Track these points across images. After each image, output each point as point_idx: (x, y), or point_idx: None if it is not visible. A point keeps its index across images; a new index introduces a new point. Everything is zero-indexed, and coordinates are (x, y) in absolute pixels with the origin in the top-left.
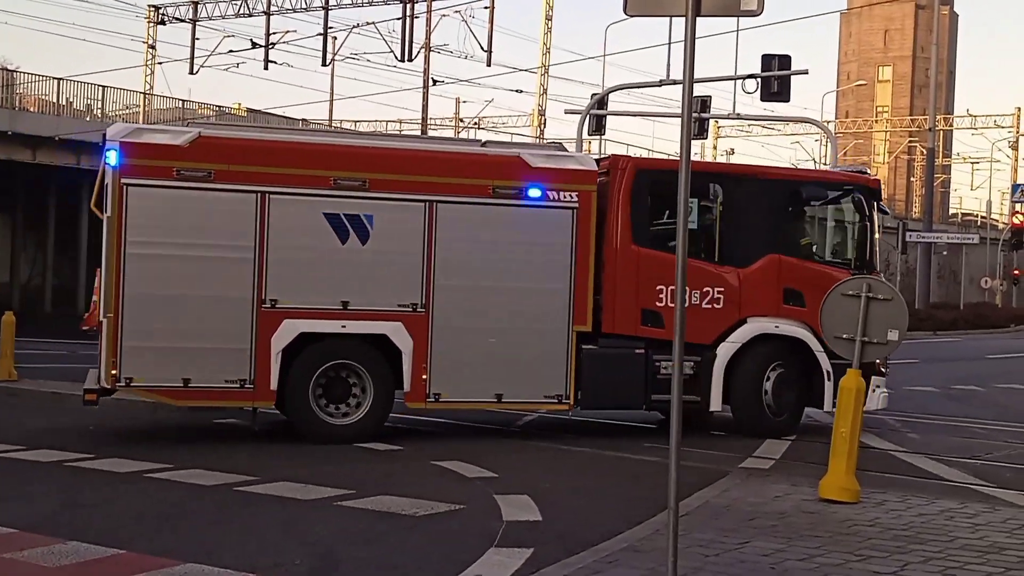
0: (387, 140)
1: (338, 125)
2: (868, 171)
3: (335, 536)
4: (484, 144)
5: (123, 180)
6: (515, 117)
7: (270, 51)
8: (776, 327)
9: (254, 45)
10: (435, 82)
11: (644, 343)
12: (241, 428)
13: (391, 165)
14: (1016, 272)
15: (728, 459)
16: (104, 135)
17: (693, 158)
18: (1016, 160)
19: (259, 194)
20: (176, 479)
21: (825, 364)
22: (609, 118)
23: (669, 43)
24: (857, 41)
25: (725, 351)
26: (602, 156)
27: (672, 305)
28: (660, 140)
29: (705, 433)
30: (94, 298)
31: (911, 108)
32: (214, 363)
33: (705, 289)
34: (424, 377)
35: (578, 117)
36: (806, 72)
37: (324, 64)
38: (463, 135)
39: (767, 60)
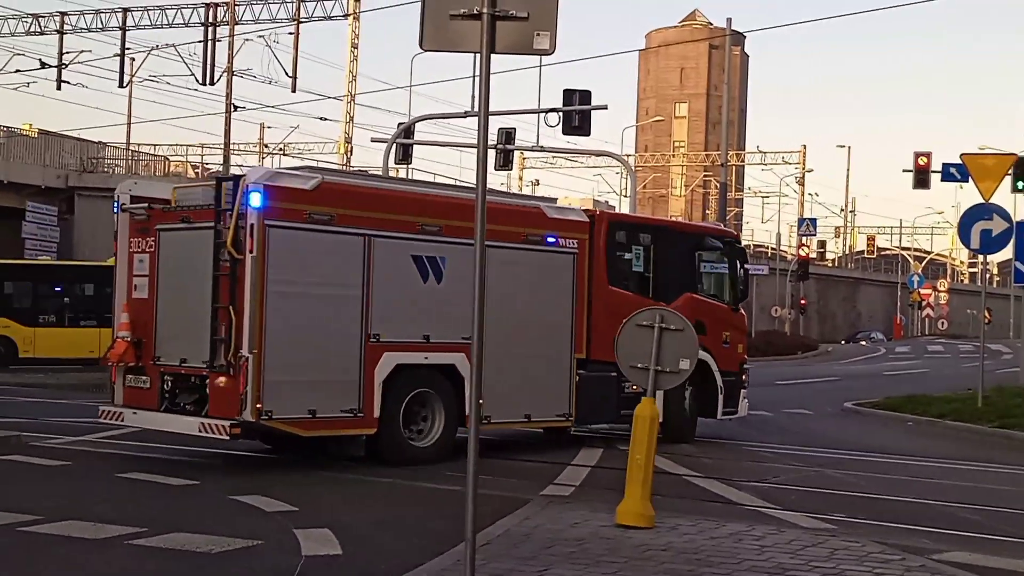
0: (452, 190)
1: (136, 148)
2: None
3: None
4: (510, 195)
5: (266, 221)
6: (321, 144)
7: (63, 71)
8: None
9: (43, 65)
10: (237, 108)
11: (615, 367)
12: (24, 465)
13: (458, 213)
14: (803, 301)
15: (529, 487)
16: (239, 177)
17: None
18: (802, 195)
19: (366, 237)
20: None
21: (719, 381)
22: (416, 147)
23: (474, 76)
24: (655, 78)
25: None
26: (585, 209)
27: None
28: (467, 170)
29: (507, 460)
30: (120, 334)
31: (706, 144)
32: (333, 394)
33: None
34: (480, 402)
35: (384, 146)
36: (606, 107)
37: (121, 86)
38: (267, 160)
39: (569, 95)
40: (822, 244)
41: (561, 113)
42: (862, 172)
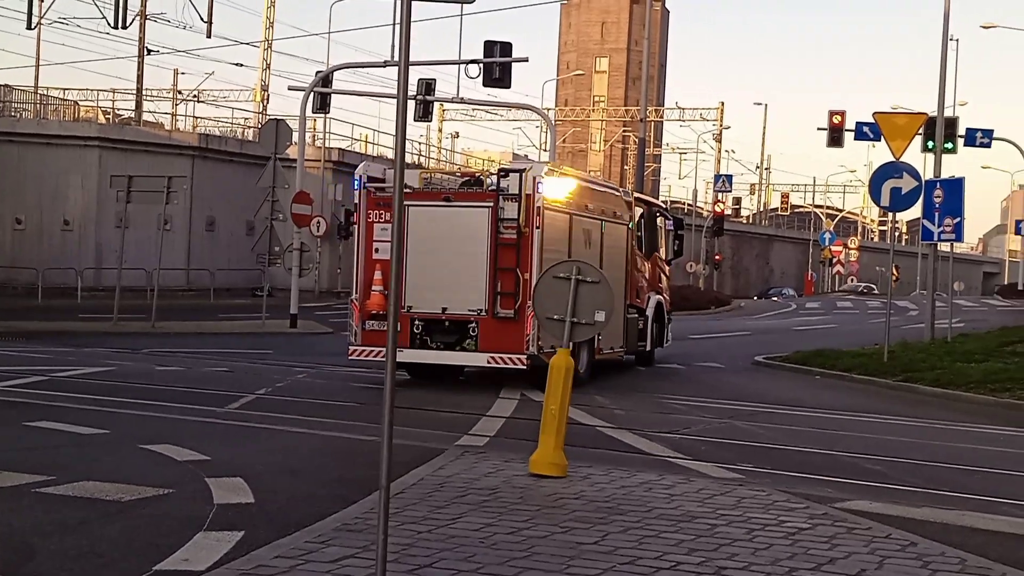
0: (592, 182)
1: (44, 92)
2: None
3: (31, 525)
4: (599, 183)
5: (544, 205)
6: (237, 91)
7: None
8: (659, 298)
9: None
10: (150, 51)
11: (636, 310)
12: None
13: (598, 199)
14: (718, 257)
15: (443, 437)
16: (522, 170)
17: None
18: (719, 151)
19: (570, 215)
20: None
21: (666, 318)
22: (334, 96)
23: (394, 24)
24: (576, 32)
25: (651, 313)
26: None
27: (641, 285)
28: (385, 120)
29: (423, 410)
30: (375, 288)
31: (625, 99)
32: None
33: (647, 274)
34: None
35: (302, 94)
36: (526, 60)
37: (30, 27)
38: (180, 107)
39: (489, 46)
40: (737, 201)
41: (482, 65)
42: (778, 130)
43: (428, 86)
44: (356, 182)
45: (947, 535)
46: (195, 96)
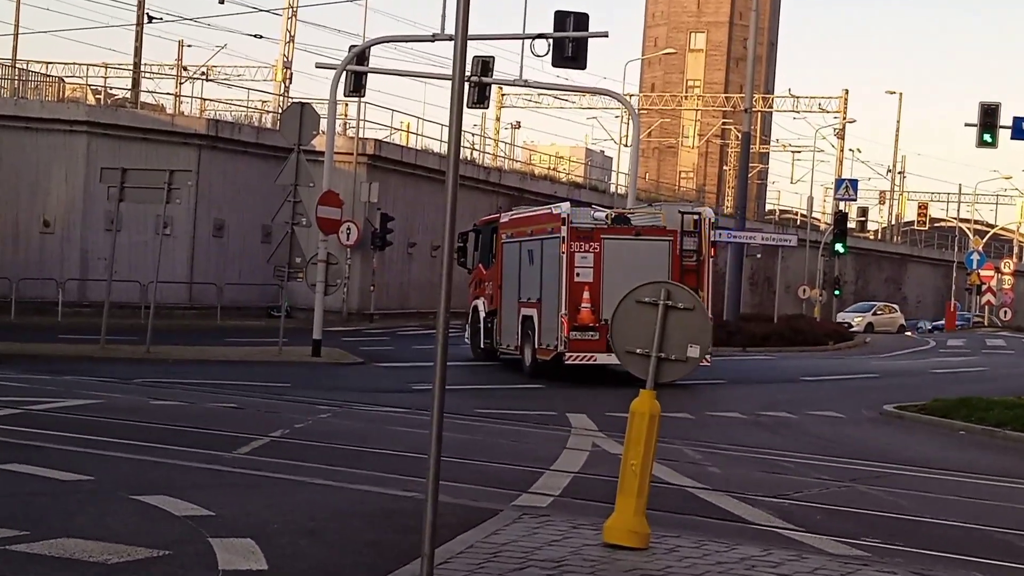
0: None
1: (24, 66)
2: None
3: None
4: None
5: (713, 238)
6: (254, 68)
7: None
8: None
9: None
10: (151, 19)
11: None
12: None
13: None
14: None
15: (498, 496)
16: (698, 212)
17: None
18: (842, 151)
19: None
20: None
21: None
22: (370, 76)
23: None
24: (667, 3)
25: None
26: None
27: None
28: (431, 106)
29: (473, 462)
30: (583, 306)
31: (726, 84)
32: None
33: None
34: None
35: (333, 73)
36: (606, 35)
37: None
38: (186, 86)
39: (561, 18)
40: (863, 212)
41: (551, 40)
42: (915, 125)
43: (485, 65)
44: (565, 221)
45: None
46: (203, 74)
